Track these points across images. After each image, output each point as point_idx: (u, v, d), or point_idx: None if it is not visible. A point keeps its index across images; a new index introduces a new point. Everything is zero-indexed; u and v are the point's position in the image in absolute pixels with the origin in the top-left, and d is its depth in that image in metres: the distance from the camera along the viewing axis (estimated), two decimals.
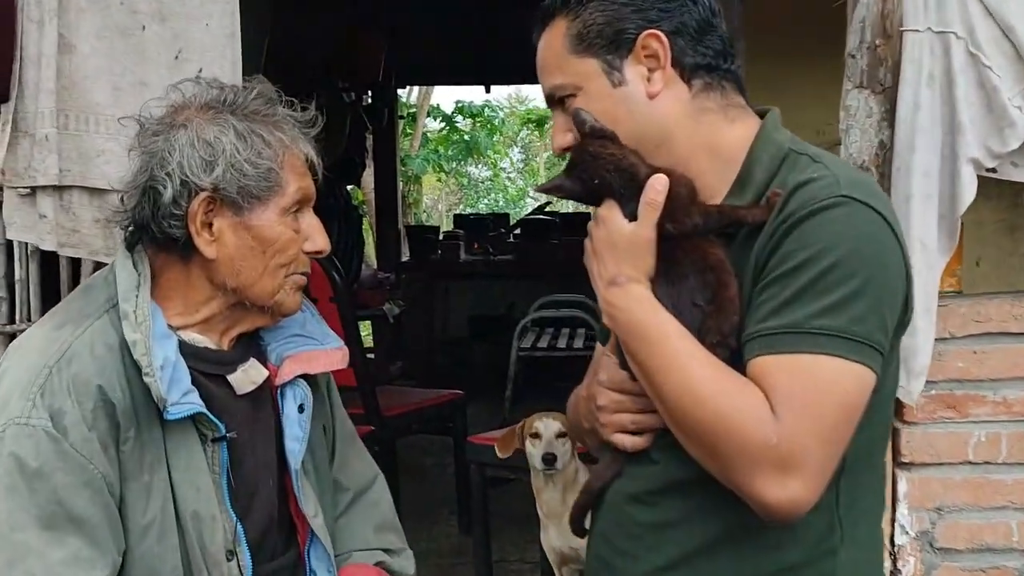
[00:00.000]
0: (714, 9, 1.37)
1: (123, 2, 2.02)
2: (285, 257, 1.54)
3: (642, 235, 1.31)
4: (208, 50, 2.03)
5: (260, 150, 1.50)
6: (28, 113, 2.01)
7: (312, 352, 1.66)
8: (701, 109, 1.36)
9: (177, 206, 1.48)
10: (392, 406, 4.31)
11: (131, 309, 1.46)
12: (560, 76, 1.38)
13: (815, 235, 1.23)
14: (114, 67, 2.04)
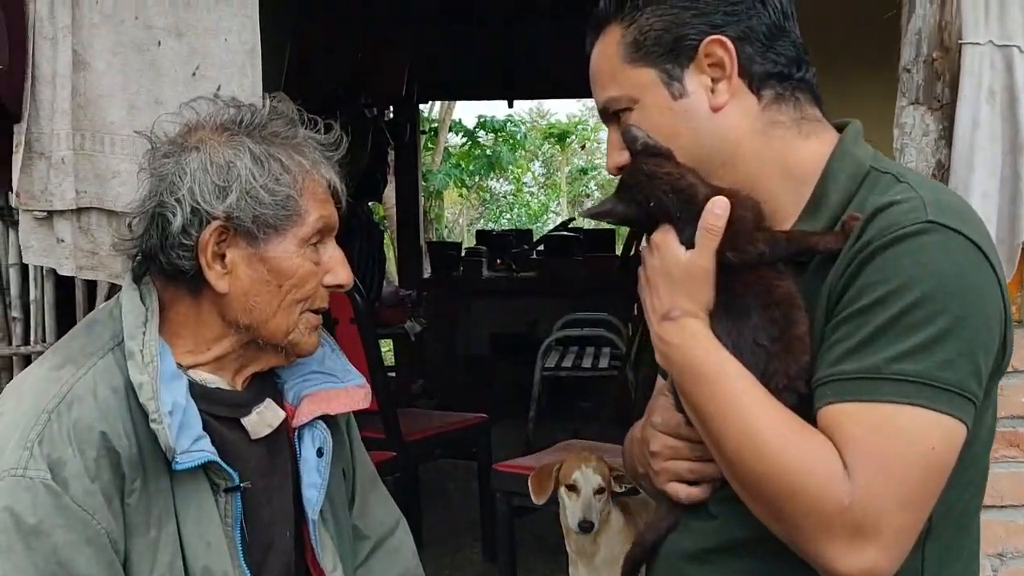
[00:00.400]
0: (787, 11, 1.26)
1: (138, 16, 1.93)
2: (302, 292, 1.43)
3: (699, 264, 1.20)
4: (227, 66, 1.94)
5: (278, 175, 1.39)
6: (43, 134, 1.93)
7: (332, 391, 1.54)
8: (771, 123, 1.24)
9: (187, 235, 1.37)
10: (414, 430, 4.20)
11: (137, 348, 1.35)
12: (614, 88, 1.27)
13: (897, 266, 1.10)
14: (129, 84, 1.95)
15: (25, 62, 1.90)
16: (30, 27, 1.91)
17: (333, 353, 1.61)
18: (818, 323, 1.20)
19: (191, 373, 1.43)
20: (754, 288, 1.22)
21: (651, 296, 1.26)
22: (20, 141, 1.91)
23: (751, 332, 1.20)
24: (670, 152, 1.25)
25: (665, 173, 1.24)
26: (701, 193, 1.24)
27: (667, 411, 1.30)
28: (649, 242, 1.28)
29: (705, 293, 1.21)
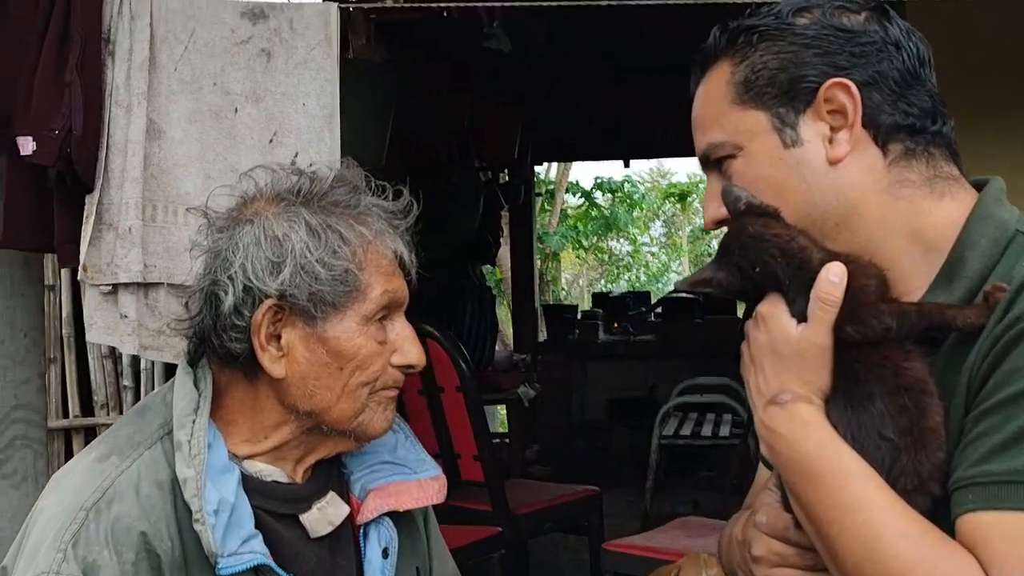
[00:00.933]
0: (923, 57, 1.11)
1: (216, 82, 1.86)
2: (368, 374, 1.30)
3: (813, 340, 1.04)
4: (304, 132, 1.85)
5: (336, 248, 1.27)
6: (112, 204, 1.86)
7: (403, 484, 1.40)
8: (899, 181, 1.09)
9: (239, 316, 1.26)
10: (523, 503, 4.02)
11: (185, 438, 1.24)
12: (719, 131, 1.13)
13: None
14: (206, 153, 1.87)
15: (99, 131, 1.84)
16: (106, 94, 1.85)
17: (407, 441, 1.46)
18: (956, 413, 1.02)
19: (246, 464, 1.31)
20: (879, 370, 1.05)
21: (756, 376, 1.10)
22: (91, 212, 1.85)
23: (875, 422, 1.03)
24: (777, 212, 1.10)
25: (773, 235, 1.08)
26: (815, 258, 1.07)
27: (773, 510, 1.11)
28: (755, 315, 1.11)
29: (820, 374, 1.05)
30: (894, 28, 1.10)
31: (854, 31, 1.09)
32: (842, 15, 1.10)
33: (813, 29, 1.09)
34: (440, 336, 4.02)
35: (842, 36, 1.09)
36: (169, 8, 1.84)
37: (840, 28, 1.09)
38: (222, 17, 1.86)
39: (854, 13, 1.11)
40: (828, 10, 1.11)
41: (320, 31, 1.85)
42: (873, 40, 1.09)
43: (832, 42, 1.09)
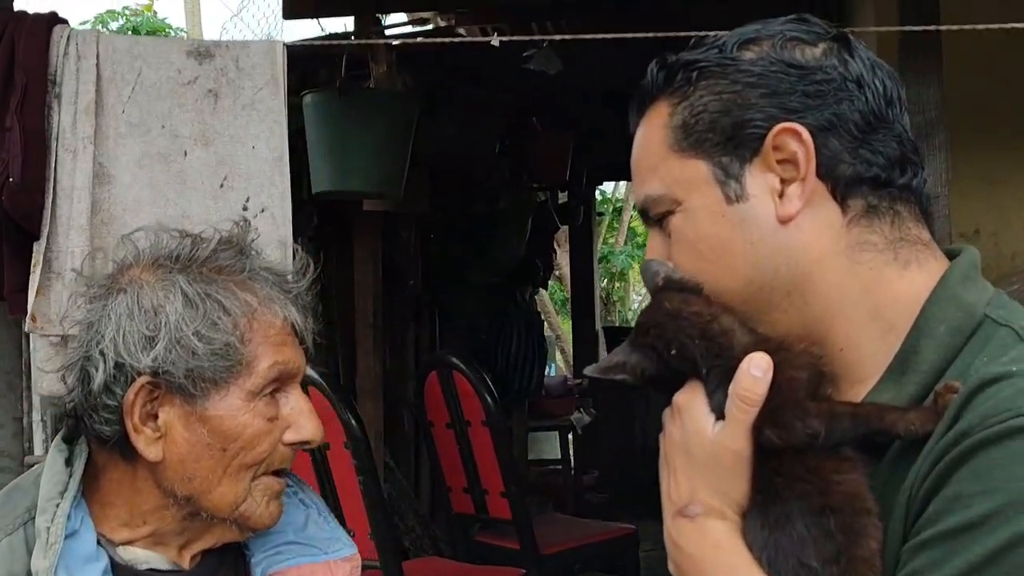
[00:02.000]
0: (890, 96, 0.94)
1: (164, 125, 1.78)
2: (253, 455, 1.18)
3: (729, 445, 0.89)
4: (255, 176, 1.76)
5: (215, 319, 1.16)
6: (61, 252, 1.79)
7: (307, 567, 1.28)
8: (859, 244, 0.93)
9: (111, 395, 1.15)
10: (552, 542, 3.88)
11: (45, 525, 1.14)
12: (656, 183, 0.98)
13: (1003, 475, 0.79)
14: (156, 198, 1.80)
15: (43, 177, 1.77)
16: (52, 138, 1.78)
17: (320, 517, 1.35)
18: (892, 538, 0.86)
19: (121, 551, 1.21)
20: (801, 484, 0.88)
21: (668, 478, 0.94)
22: (38, 260, 1.78)
23: (795, 547, 0.87)
24: (700, 287, 0.95)
25: (692, 313, 0.93)
26: (739, 344, 0.91)
27: None
28: (672, 405, 0.95)
29: (736, 485, 0.90)
30: (856, 62, 0.94)
31: (808, 67, 0.93)
32: (795, 48, 0.94)
33: (760, 65, 0.94)
34: (466, 369, 3.91)
35: (794, 73, 0.93)
36: (116, 48, 1.77)
37: (792, 64, 0.93)
38: (168, 57, 1.78)
39: (810, 45, 0.95)
40: (779, 42, 0.95)
41: (267, 70, 1.75)
42: (831, 77, 0.92)
43: (782, 80, 0.93)
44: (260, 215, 1.69)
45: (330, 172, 3.32)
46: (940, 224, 2.72)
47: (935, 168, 2.72)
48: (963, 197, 3.77)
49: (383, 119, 3.32)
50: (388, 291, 4.85)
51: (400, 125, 3.40)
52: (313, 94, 3.37)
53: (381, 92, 3.50)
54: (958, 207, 3.63)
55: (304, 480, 1.36)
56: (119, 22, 8.32)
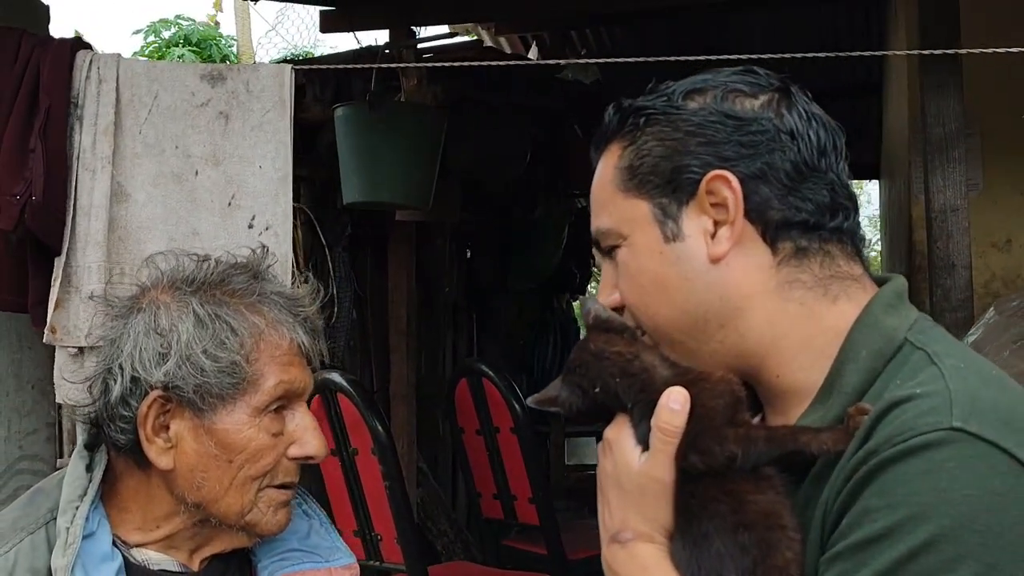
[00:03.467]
0: (824, 147, 1.01)
1: (178, 145, 1.86)
2: (258, 468, 1.26)
3: (653, 475, 0.96)
4: (260, 195, 1.83)
5: (223, 339, 1.24)
6: (79, 267, 1.88)
7: (313, 573, 1.36)
8: (789, 282, 1.00)
9: (126, 406, 1.24)
10: (581, 548, 3.90)
11: (65, 526, 1.23)
12: (606, 218, 1.06)
13: (904, 491, 0.85)
14: (169, 216, 1.88)
15: (65, 195, 1.86)
16: (74, 158, 1.87)
17: (321, 528, 1.43)
18: (812, 549, 0.92)
19: (135, 552, 1.29)
20: (715, 505, 0.94)
21: (602, 508, 1.01)
22: (58, 275, 1.87)
23: (714, 562, 0.93)
24: (625, 326, 1.03)
25: (614, 352, 1.00)
26: (660, 378, 0.98)
27: None
28: (602, 440, 1.03)
29: (662, 510, 0.96)
30: (792, 116, 1.01)
31: (744, 119, 1.00)
32: (735, 100, 1.02)
33: (700, 115, 1.01)
34: (495, 376, 3.97)
35: (730, 124, 1.00)
36: (134, 72, 1.86)
37: (730, 115, 1.00)
38: (183, 80, 1.86)
39: (750, 98, 1.02)
40: (721, 94, 1.02)
41: (275, 93, 1.82)
42: (765, 129, 1.00)
43: (719, 131, 1.00)
44: (265, 232, 1.77)
45: (360, 183, 3.39)
46: (960, 236, 2.71)
47: (954, 181, 2.71)
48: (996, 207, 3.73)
49: (412, 132, 3.39)
50: (424, 299, 4.93)
51: (428, 137, 3.47)
52: (344, 107, 3.44)
53: (410, 106, 3.57)
54: (990, 217, 3.61)
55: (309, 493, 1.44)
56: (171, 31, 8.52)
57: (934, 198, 2.75)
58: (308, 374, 1.31)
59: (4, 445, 2.31)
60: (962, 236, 2.70)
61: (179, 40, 8.48)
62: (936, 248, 2.74)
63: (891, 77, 5.08)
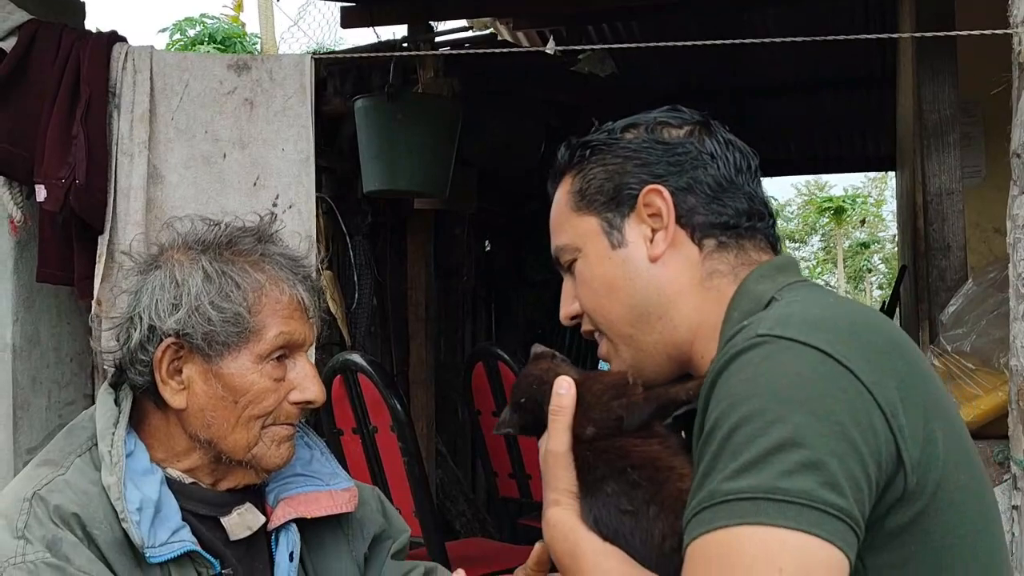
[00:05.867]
0: (740, 166, 1.21)
1: (207, 130, 2.00)
2: (260, 408, 1.39)
3: (551, 448, 1.14)
4: (284, 175, 1.96)
5: (228, 292, 1.37)
6: (120, 244, 2.03)
7: (312, 494, 1.49)
8: (710, 273, 1.18)
9: (144, 351, 1.37)
10: None
11: (107, 449, 1.35)
12: (563, 236, 1.25)
13: (725, 388, 0.99)
14: (199, 196, 2.02)
15: (106, 178, 2.01)
16: (112, 144, 2.02)
17: (322, 456, 1.56)
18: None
19: (168, 469, 1.43)
20: (606, 456, 1.12)
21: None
22: (102, 252, 2.01)
23: (612, 501, 1.09)
24: (552, 353, 1.25)
25: (538, 369, 1.22)
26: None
27: None
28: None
29: (563, 478, 1.14)
30: (712, 142, 1.20)
31: (672, 144, 1.19)
32: (663, 130, 1.20)
33: (635, 143, 1.20)
34: (509, 359, 4.09)
35: (660, 148, 1.19)
36: (166, 63, 2.00)
37: (659, 141, 1.19)
38: (212, 70, 2.00)
39: (676, 128, 1.21)
40: (652, 125, 1.21)
41: (296, 81, 1.96)
42: (688, 151, 1.18)
43: (651, 153, 1.19)
44: (288, 211, 1.90)
45: (379, 172, 3.53)
46: (955, 219, 2.81)
47: (949, 165, 2.81)
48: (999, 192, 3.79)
49: (429, 122, 3.52)
50: (443, 287, 5.06)
51: (445, 128, 3.60)
52: (364, 99, 3.57)
53: (427, 97, 3.70)
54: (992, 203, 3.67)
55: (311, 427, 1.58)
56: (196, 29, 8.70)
57: (930, 182, 2.86)
58: (308, 327, 1.43)
59: (45, 414, 2.46)
60: (956, 218, 2.80)
61: (204, 38, 8.65)
62: (931, 231, 2.84)
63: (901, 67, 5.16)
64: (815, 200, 19.06)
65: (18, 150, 2.09)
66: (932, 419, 0.99)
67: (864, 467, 0.94)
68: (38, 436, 2.43)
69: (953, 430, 1.02)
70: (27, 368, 2.40)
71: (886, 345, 1.01)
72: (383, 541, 1.60)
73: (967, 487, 1.01)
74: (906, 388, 0.98)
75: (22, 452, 2.38)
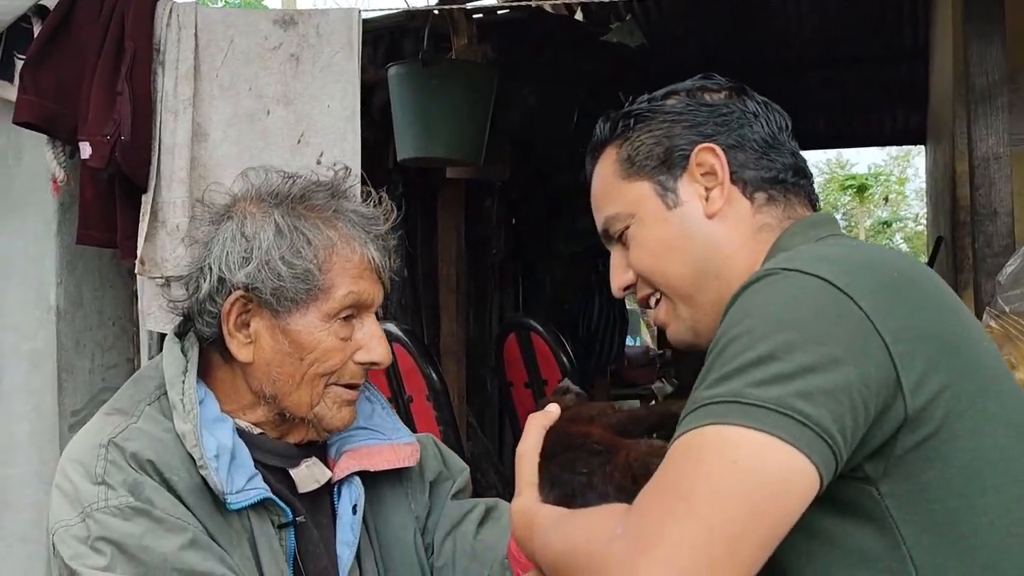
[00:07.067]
0: (781, 125, 1.25)
1: (251, 87, 1.98)
2: (326, 367, 1.38)
3: (520, 449, 1.20)
4: (329, 132, 1.94)
5: (299, 249, 1.36)
6: (164, 203, 2.02)
7: (375, 447, 1.49)
8: (760, 227, 1.21)
9: (213, 303, 1.37)
10: None
11: (178, 397, 1.36)
12: (612, 206, 1.27)
13: (726, 321, 1.01)
14: (242, 154, 2.00)
15: (150, 135, 1.99)
16: (157, 101, 2.00)
17: (384, 411, 1.56)
18: None
19: (237, 420, 1.42)
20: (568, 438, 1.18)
21: None
22: (146, 210, 2.00)
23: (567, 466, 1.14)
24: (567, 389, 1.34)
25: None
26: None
27: None
28: None
29: (526, 473, 1.17)
30: (752, 102, 1.25)
31: (715, 105, 1.23)
32: (704, 94, 1.25)
33: (680, 107, 1.24)
34: (543, 331, 4.09)
35: (706, 110, 1.23)
36: (211, 18, 1.98)
37: (704, 104, 1.23)
38: (257, 25, 1.98)
39: (715, 92, 1.25)
40: (692, 91, 1.25)
41: (344, 35, 1.94)
42: (732, 111, 1.23)
43: (698, 115, 1.23)
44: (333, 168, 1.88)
45: (413, 140, 3.51)
46: (1002, 184, 2.77)
47: (996, 129, 2.76)
48: None
49: (463, 89, 3.49)
50: (473, 260, 5.04)
51: (480, 94, 3.57)
52: (398, 66, 3.55)
53: (461, 63, 3.67)
54: None
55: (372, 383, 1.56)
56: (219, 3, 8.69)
57: (976, 147, 2.80)
58: (378, 287, 1.42)
59: (89, 376, 2.46)
60: (1004, 183, 2.75)
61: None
62: (978, 196, 2.79)
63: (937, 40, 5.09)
64: (837, 178, 18.95)
65: (62, 108, 2.08)
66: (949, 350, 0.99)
67: (848, 388, 0.93)
68: (82, 399, 2.44)
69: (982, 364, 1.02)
70: (71, 331, 2.40)
71: (899, 280, 1.01)
72: (442, 483, 1.59)
73: (996, 416, 1.00)
74: (917, 318, 0.98)
75: (67, 415, 2.39)
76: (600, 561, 0.93)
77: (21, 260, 2.39)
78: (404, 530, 1.53)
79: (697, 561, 0.88)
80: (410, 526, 1.54)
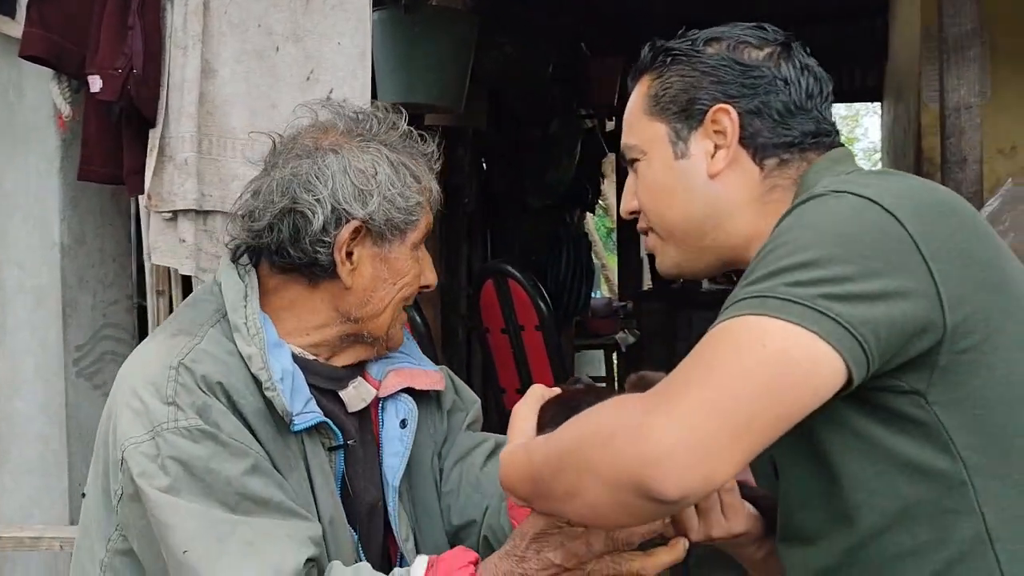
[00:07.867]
0: (812, 92, 1.26)
1: (260, 24, 2.01)
2: (410, 291, 1.51)
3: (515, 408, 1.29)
4: (339, 70, 1.98)
5: (410, 183, 1.47)
6: (172, 138, 2.04)
7: (416, 370, 1.59)
8: (770, 189, 1.25)
9: (326, 233, 1.44)
10: None
11: (241, 321, 1.42)
12: (632, 135, 1.32)
13: (775, 237, 1.08)
14: (251, 91, 2.03)
15: (160, 70, 2.01)
16: (167, 37, 2.02)
17: (410, 342, 1.65)
18: None
19: (291, 346, 1.49)
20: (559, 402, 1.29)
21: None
22: (154, 145, 2.03)
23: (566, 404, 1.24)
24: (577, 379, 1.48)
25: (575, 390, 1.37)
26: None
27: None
28: None
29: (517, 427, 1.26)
30: (788, 66, 1.25)
31: (749, 66, 1.25)
32: (744, 50, 1.26)
33: (715, 59, 1.26)
34: (521, 276, 4.16)
35: (737, 69, 1.25)
36: None
37: (738, 62, 1.25)
38: None
39: (756, 49, 1.26)
40: (733, 43, 1.27)
41: None
42: (764, 75, 1.24)
43: (728, 73, 1.25)
44: None
45: (396, 85, 3.53)
46: (972, 132, 2.88)
47: (968, 79, 2.86)
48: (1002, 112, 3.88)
49: (445, 36, 3.52)
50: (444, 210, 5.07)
51: (461, 42, 3.60)
52: (380, 12, 3.56)
53: (444, 10, 3.69)
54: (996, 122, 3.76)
55: None
56: None
57: (948, 97, 2.91)
58: None
59: (91, 312, 2.49)
60: (974, 132, 2.86)
61: None
62: (949, 144, 2.90)
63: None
64: None
65: (69, 43, 2.09)
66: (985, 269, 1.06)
67: (884, 296, 0.99)
68: (85, 335, 2.47)
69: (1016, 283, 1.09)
70: (74, 267, 2.42)
71: (942, 206, 1.08)
72: (456, 414, 1.68)
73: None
74: (955, 240, 1.05)
75: (71, 350, 2.42)
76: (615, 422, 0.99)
77: (24, 197, 2.41)
78: (426, 450, 1.61)
79: (711, 422, 0.94)
80: (430, 448, 1.63)
